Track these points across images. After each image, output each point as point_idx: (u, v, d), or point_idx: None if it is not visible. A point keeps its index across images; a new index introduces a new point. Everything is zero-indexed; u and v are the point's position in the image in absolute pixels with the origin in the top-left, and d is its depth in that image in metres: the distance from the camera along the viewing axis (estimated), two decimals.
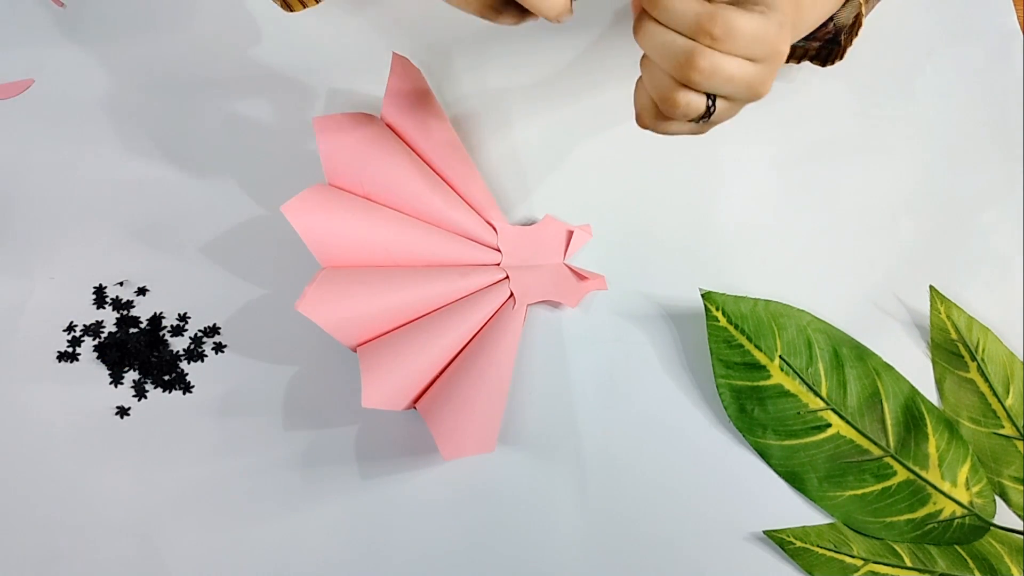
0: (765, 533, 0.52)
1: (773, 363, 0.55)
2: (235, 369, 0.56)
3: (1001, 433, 0.54)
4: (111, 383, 0.55)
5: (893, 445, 0.54)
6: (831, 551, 0.52)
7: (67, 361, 0.56)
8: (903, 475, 0.53)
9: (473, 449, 0.51)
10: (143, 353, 0.56)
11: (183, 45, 0.62)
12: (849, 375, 0.55)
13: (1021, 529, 0.52)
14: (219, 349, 0.56)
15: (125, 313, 0.57)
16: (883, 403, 0.54)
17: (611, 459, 0.54)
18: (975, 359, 0.56)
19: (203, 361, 0.56)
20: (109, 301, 0.57)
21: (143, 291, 0.58)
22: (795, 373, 0.55)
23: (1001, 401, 0.55)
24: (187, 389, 0.55)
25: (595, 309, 0.58)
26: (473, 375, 0.52)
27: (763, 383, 0.54)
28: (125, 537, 0.52)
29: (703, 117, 0.43)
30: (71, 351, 0.56)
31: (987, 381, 0.55)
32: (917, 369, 0.56)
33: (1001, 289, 0.58)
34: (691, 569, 0.52)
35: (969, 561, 0.52)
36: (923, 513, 0.52)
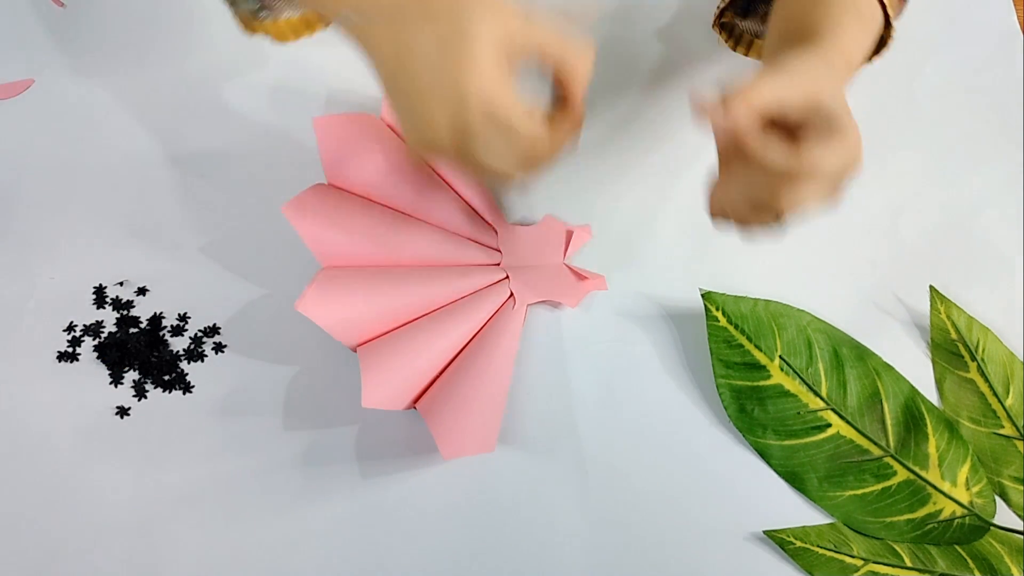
0: (765, 533, 0.52)
1: (773, 363, 0.55)
2: (235, 369, 0.56)
3: (1001, 433, 0.54)
4: (111, 383, 0.55)
5: (893, 445, 0.54)
6: (831, 551, 0.52)
7: (67, 361, 0.56)
8: (903, 475, 0.53)
9: (473, 449, 0.51)
10: (143, 353, 0.56)
11: (183, 45, 0.62)
12: (849, 375, 0.55)
13: (1021, 529, 0.52)
14: (219, 349, 0.56)
15: (125, 313, 0.57)
16: (883, 403, 0.54)
17: (611, 459, 0.54)
18: (975, 359, 0.56)
19: (203, 361, 0.56)
20: (109, 301, 0.57)
21: (143, 291, 0.58)
22: (795, 373, 0.55)
23: (1001, 401, 0.55)
24: (187, 389, 0.55)
25: (595, 309, 0.58)
26: (473, 375, 0.52)
27: (763, 383, 0.54)
28: (125, 537, 0.52)
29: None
30: (71, 351, 0.56)
31: (987, 381, 0.55)
32: (917, 369, 0.56)
33: (1001, 289, 0.58)
34: (691, 569, 0.52)
35: (969, 561, 0.52)
36: (923, 513, 0.52)
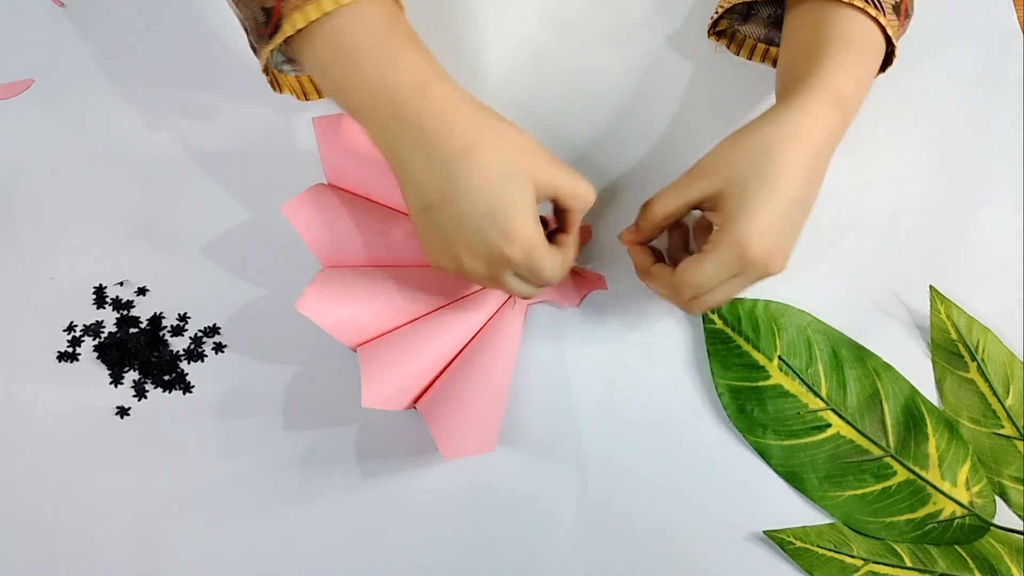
0: (765, 533, 0.52)
1: (772, 363, 0.55)
2: (235, 369, 0.56)
3: (1001, 433, 0.54)
4: (111, 383, 0.55)
5: (893, 445, 0.54)
6: (831, 551, 0.52)
7: (67, 361, 0.56)
8: (903, 475, 0.53)
9: (473, 449, 0.51)
10: (143, 353, 0.56)
11: (183, 45, 0.62)
12: (849, 375, 0.55)
13: (1021, 529, 0.52)
14: (219, 349, 0.56)
15: (125, 313, 0.57)
16: (883, 403, 0.54)
17: (611, 459, 0.54)
18: (975, 359, 0.56)
19: (203, 361, 0.56)
20: (109, 301, 0.57)
21: (143, 291, 0.58)
22: (795, 373, 0.55)
23: (1001, 401, 0.55)
24: (187, 389, 0.55)
25: (595, 309, 0.58)
26: (474, 375, 0.52)
27: (763, 383, 0.54)
28: (125, 537, 0.52)
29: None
30: (71, 351, 0.56)
31: (987, 381, 0.55)
32: (917, 369, 0.56)
33: (1001, 289, 0.58)
34: (691, 569, 0.52)
35: (969, 561, 0.52)
36: (923, 513, 0.52)
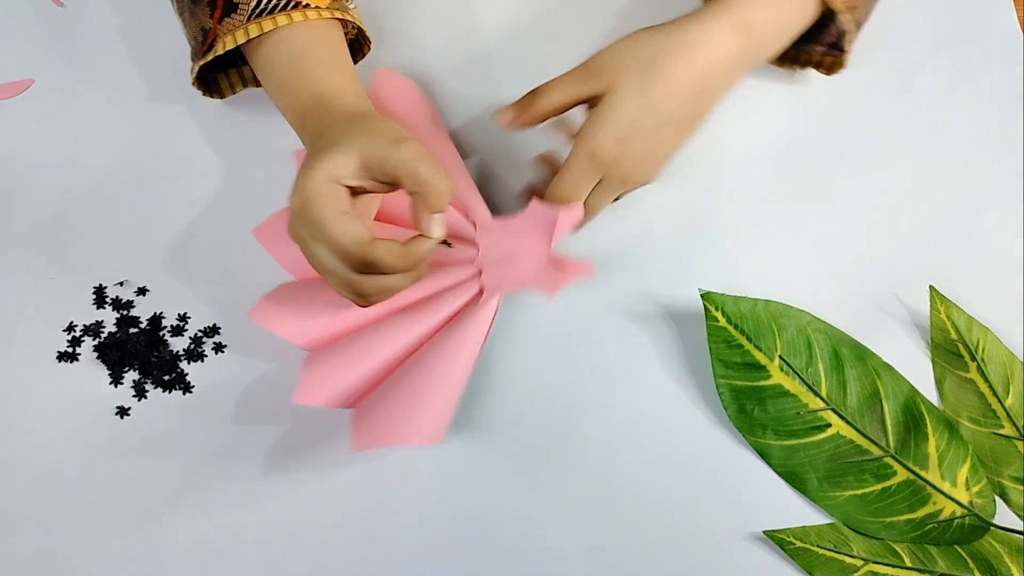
0: (765, 533, 0.52)
1: (773, 363, 0.55)
2: (235, 369, 0.56)
3: (1001, 433, 0.54)
4: (111, 383, 0.55)
5: (893, 445, 0.54)
6: (831, 551, 0.52)
7: (67, 361, 0.56)
8: (903, 475, 0.53)
9: (416, 439, 0.49)
10: (143, 353, 0.56)
11: (183, 45, 0.62)
12: (849, 375, 0.55)
13: (1021, 529, 0.52)
14: (219, 349, 0.56)
15: (125, 313, 0.57)
16: (883, 403, 0.54)
17: (611, 459, 0.54)
18: (975, 359, 0.56)
19: (203, 361, 0.56)
20: (109, 301, 0.57)
21: (143, 291, 0.58)
22: (795, 373, 0.55)
23: (1001, 401, 0.55)
24: (187, 389, 0.55)
25: (595, 309, 0.58)
26: (421, 368, 0.51)
27: (763, 383, 0.54)
28: (125, 537, 0.52)
29: None
30: (71, 351, 0.56)
31: (987, 381, 0.55)
32: (917, 369, 0.56)
33: (1001, 289, 0.58)
34: (691, 569, 0.52)
35: (969, 561, 0.52)
36: (923, 513, 0.52)
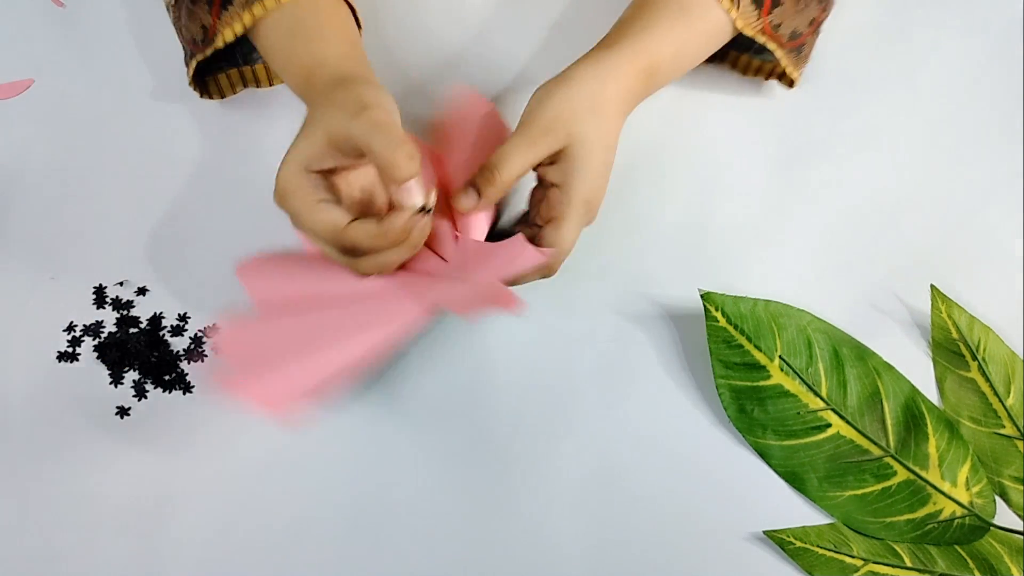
0: (765, 533, 0.52)
1: (773, 363, 0.55)
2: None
3: (1002, 433, 0.54)
4: (111, 383, 0.55)
5: (893, 445, 0.54)
6: (831, 551, 0.52)
7: (67, 361, 0.56)
8: (903, 475, 0.53)
9: (254, 395, 0.47)
10: (143, 353, 0.56)
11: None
12: (849, 375, 0.55)
13: (1021, 529, 0.52)
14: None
15: (125, 313, 0.57)
16: (883, 403, 0.54)
17: (611, 459, 0.54)
18: (976, 358, 0.56)
19: (203, 361, 0.56)
20: (109, 301, 0.57)
21: (143, 291, 0.58)
22: (795, 373, 0.55)
23: (1002, 401, 0.55)
24: (187, 389, 0.55)
25: (595, 309, 0.58)
26: (305, 334, 0.49)
27: (763, 383, 0.54)
28: (125, 536, 0.52)
29: None
30: (71, 351, 0.56)
31: (988, 381, 0.55)
32: (918, 369, 0.56)
33: (1002, 288, 0.58)
34: (691, 569, 0.52)
35: (969, 561, 0.52)
36: (923, 513, 0.52)
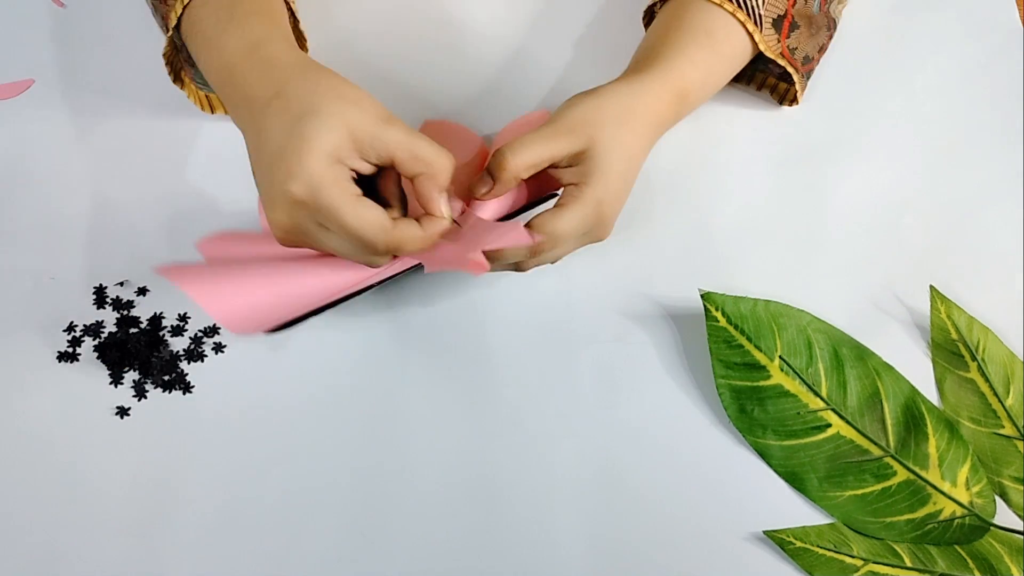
0: (765, 533, 0.52)
1: (773, 363, 0.55)
2: (235, 369, 0.56)
3: (1001, 433, 0.54)
4: (111, 383, 0.55)
5: (893, 445, 0.54)
6: (831, 551, 0.52)
7: (67, 361, 0.56)
8: (903, 475, 0.53)
9: (215, 310, 0.48)
10: (143, 353, 0.56)
11: None
12: (849, 375, 0.55)
13: (1021, 529, 0.52)
14: (219, 349, 0.56)
15: (125, 313, 0.57)
16: (883, 403, 0.54)
17: (611, 459, 0.54)
18: (976, 359, 0.56)
19: (203, 361, 0.56)
20: (109, 301, 0.57)
21: (143, 291, 0.58)
22: (795, 373, 0.55)
23: (1001, 401, 0.55)
24: (187, 389, 0.55)
25: (595, 309, 0.58)
26: (279, 264, 0.49)
27: (763, 383, 0.54)
28: (125, 537, 0.52)
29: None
30: (71, 351, 0.56)
31: (987, 381, 0.55)
32: (917, 369, 0.56)
33: (1002, 289, 0.58)
34: (691, 569, 0.52)
35: (969, 561, 0.52)
36: (923, 513, 0.52)
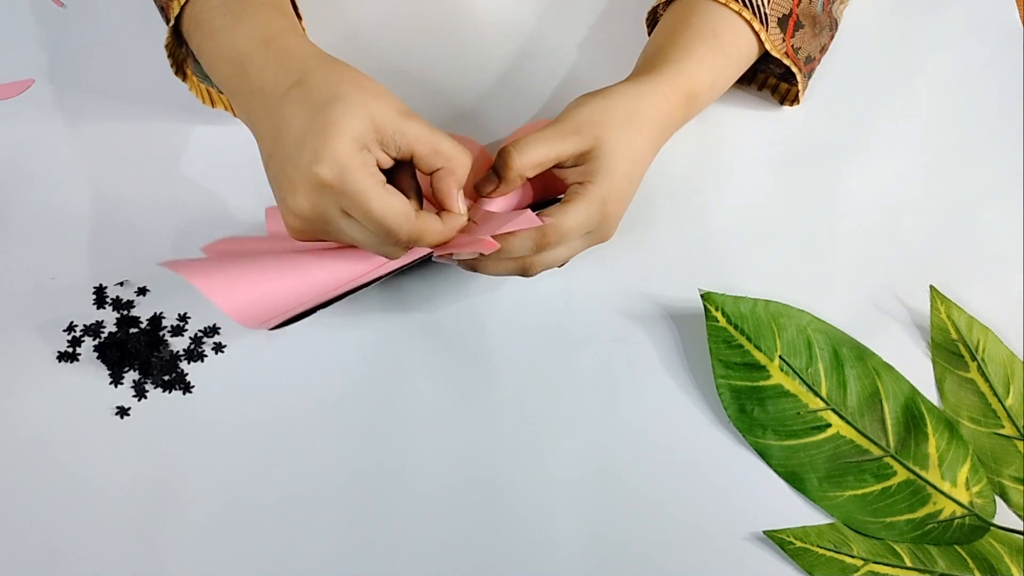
0: (765, 533, 0.52)
1: (773, 363, 0.55)
2: (235, 369, 0.56)
3: (1001, 433, 0.54)
4: (111, 383, 0.55)
5: (893, 445, 0.54)
6: (831, 551, 0.52)
7: (67, 361, 0.56)
8: (903, 475, 0.53)
9: (222, 301, 0.47)
10: (143, 353, 0.56)
11: None
12: (849, 375, 0.55)
13: (1021, 529, 0.52)
14: (219, 349, 0.56)
15: (125, 313, 0.57)
16: (883, 403, 0.54)
17: (611, 459, 0.54)
18: (975, 359, 0.56)
19: (203, 361, 0.56)
20: (109, 301, 0.57)
21: (143, 291, 0.58)
22: (795, 373, 0.55)
23: (1001, 401, 0.55)
24: (187, 389, 0.55)
25: (595, 309, 0.58)
26: (288, 257, 0.49)
27: (763, 383, 0.54)
28: (125, 537, 0.52)
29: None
30: (71, 351, 0.56)
31: (987, 381, 0.55)
32: (917, 369, 0.56)
33: (1002, 289, 0.58)
34: (691, 569, 0.52)
35: (969, 561, 0.52)
36: (923, 513, 0.52)
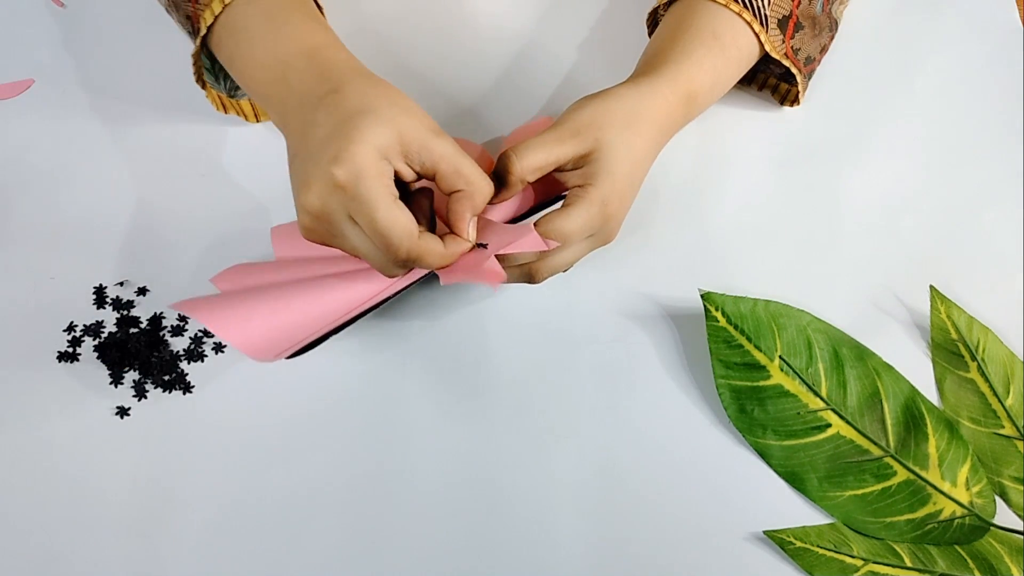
0: (765, 533, 0.52)
1: (773, 363, 0.55)
2: (235, 369, 0.56)
3: (1001, 433, 0.54)
4: (111, 383, 0.55)
5: (893, 445, 0.54)
6: (831, 551, 0.52)
7: (67, 361, 0.56)
8: (903, 475, 0.53)
9: (234, 337, 0.47)
10: (143, 353, 0.56)
11: (184, 45, 0.62)
12: (849, 375, 0.55)
13: (1021, 529, 0.52)
14: (219, 349, 0.56)
15: (125, 313, 0.57)
16: (883, 403, 0.54)
17: (611, 459, 0.54)
18: (975, 359, 0.56)
19: (203, 361, 0.56)
20: (109, 301, 0.57)
21: (143, 291, 0.58)
22: (795, 373, 0.55)
23: (1001, 401, 0.55)
24: (187, 389, 0.55)
25: (595, 309, 0.58)
26: (293, 287, 0.50)
27: (763, 383, 0.54)
28: (125, 537, 0.52)
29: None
30: (71, 351, 0.56)
31: (987, 381, 0.55)
32: (917, 369, 0.56)
33: (1002, 289, 0.58)
34: (691, 569, 0.52)
35: (969, 561, 0.52)
36: (923, 513, 0.52)
